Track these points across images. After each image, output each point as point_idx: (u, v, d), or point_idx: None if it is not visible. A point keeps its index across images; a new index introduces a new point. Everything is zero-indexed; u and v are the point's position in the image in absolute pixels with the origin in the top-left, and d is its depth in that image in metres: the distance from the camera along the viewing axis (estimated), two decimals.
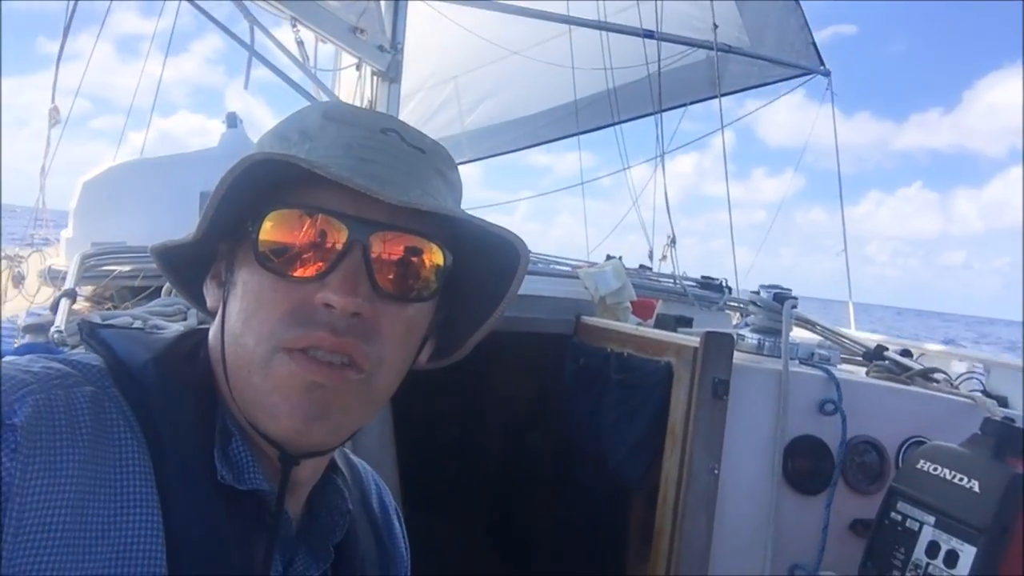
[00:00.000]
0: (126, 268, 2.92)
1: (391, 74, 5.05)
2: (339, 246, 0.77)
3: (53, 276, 3.16)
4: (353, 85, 5.32)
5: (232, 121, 3.56)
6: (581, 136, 7.92)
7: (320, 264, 0.78)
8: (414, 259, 0.81)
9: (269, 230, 0.78)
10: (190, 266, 0.90)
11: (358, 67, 5.24)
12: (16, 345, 2.28)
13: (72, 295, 2.39)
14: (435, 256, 0.82)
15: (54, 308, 2.35)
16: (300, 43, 4.47)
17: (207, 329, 0.88)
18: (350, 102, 5.12)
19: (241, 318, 0.80)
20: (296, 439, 0.79)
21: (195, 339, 0.87)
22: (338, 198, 0.77)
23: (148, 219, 3.29)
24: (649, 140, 6.48)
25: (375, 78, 5.14)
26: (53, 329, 2.17)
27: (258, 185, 0.78)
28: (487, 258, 0.86)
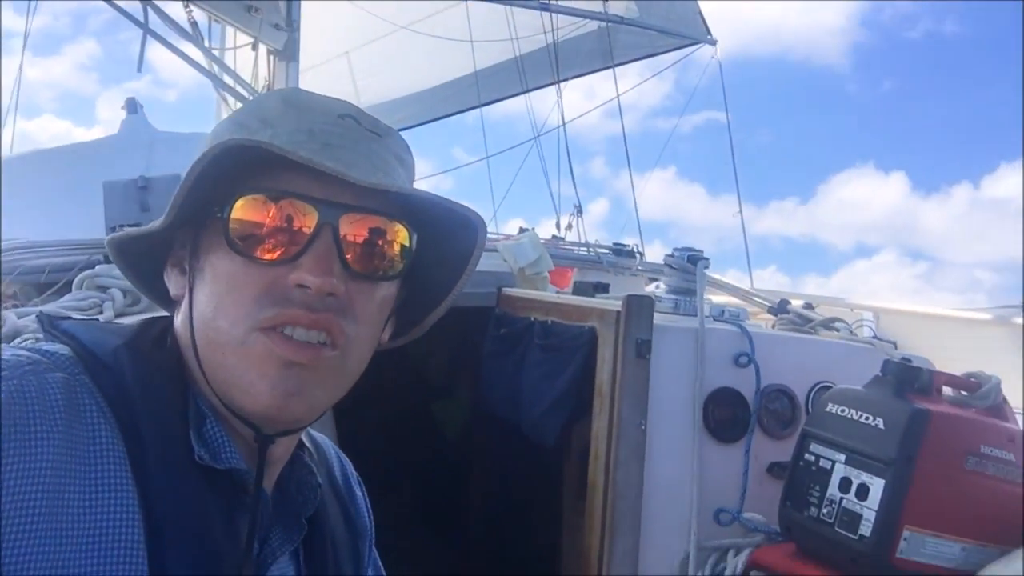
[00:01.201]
0: (33, 263, 2.82)
1: (288, 53, 4.97)
2: (310, 228, 0.79)
3: None
4: (250, 65, 5.22)
5: (132, 107, 3.42)
6: (483, 105, 7.94)
7: (292, 246, 0.79)
8: (382, 239, 0.84)
9: (239, 215, 0.80)
10: (142, 256, 0.90)
11: (254, 47, 5.13)
12: None
13: None
14: (401, 236, 0.85)
15: None
16: (194, 24, 4.34)
17: (170, 316, 0.89)
18: (248, 81, 5.01)
19: (213, 302, 0.81)
20: (274, 415, 0.81)
21: (160, 325, 0.88)
22: (305, 182, 0.79)
23: (49, 212, 3.15)
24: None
25: (271, 57, 5.04)
26: None
27: (222, 172, 0.79)
28: (445, 236, 0.89)
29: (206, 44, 4.50)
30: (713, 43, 7.47)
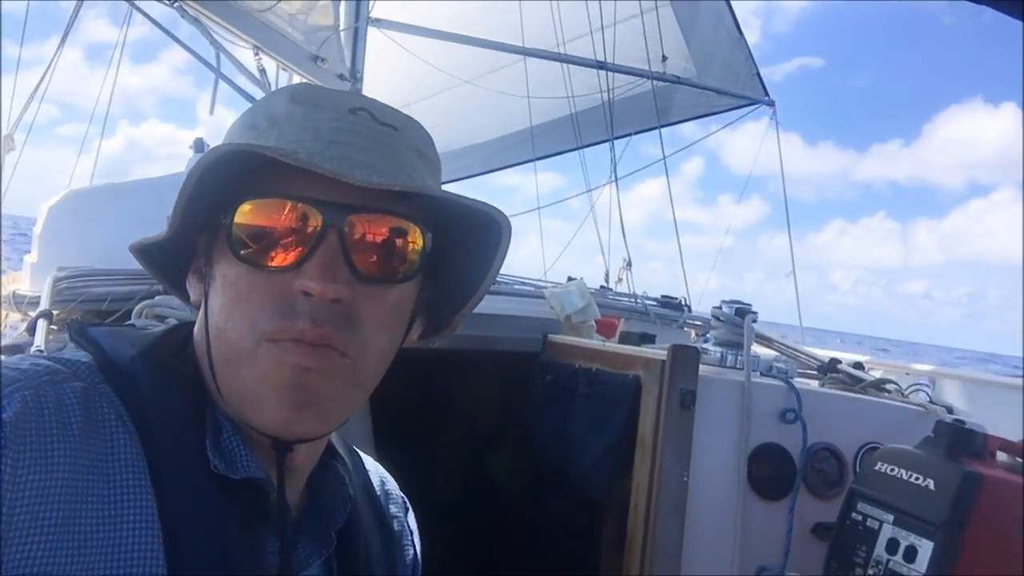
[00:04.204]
0: (95, 291, 2.91)
1: None
2: (313, 232, 0.76)
3: (18, 301, 3.12)
4: None
5: (199, 147, 3.56)
6: (537, 159, 8.07)
7: (296, 252, 0.76)
8: (393, 240, 0.80)
9: (242, 221, 0.77)
10: (171, 261, 0.89)
11: None
12: None
13: (49, 316, 2.39)
14: (414, 236, 0.81)
15: (31, 329, 2.34)
16: (262, 71, 4.52)
17: (193, 324, 0.87)
18: None
19: (223, 313, 0.79)
20: (284, 428, 0.79)
21: (182, 334, 0.87)
22: (310, 184, 0.76)
23: (115, 244, 3.25)
24: (603, 164, 6.70)
25: None
26: (33, 349, 2.17)
27: (230, 176, 0.77)
28: (470, 234, 0.86)
29: (272, 89, 4.69)
30: (771, 104, 7.49)
